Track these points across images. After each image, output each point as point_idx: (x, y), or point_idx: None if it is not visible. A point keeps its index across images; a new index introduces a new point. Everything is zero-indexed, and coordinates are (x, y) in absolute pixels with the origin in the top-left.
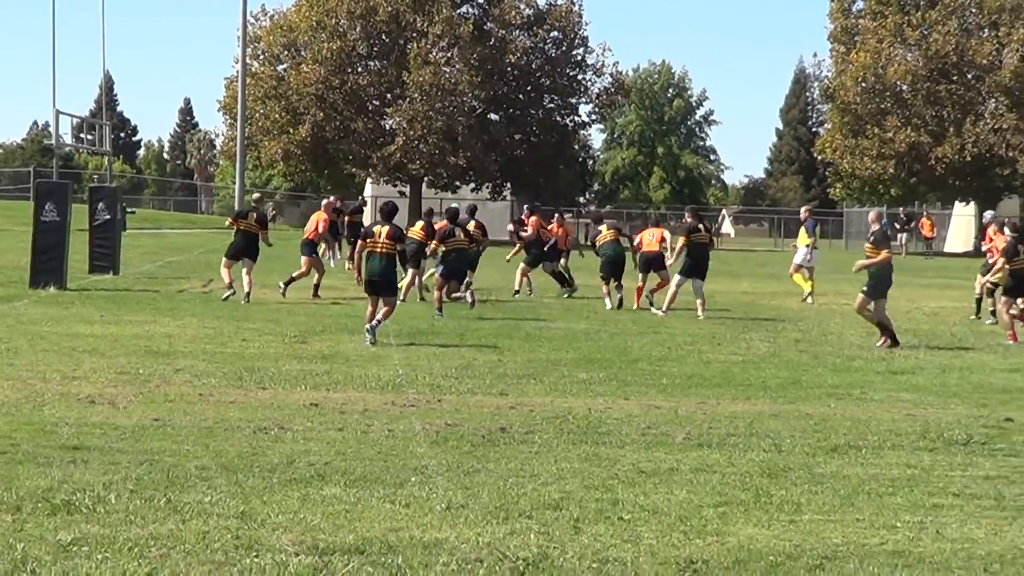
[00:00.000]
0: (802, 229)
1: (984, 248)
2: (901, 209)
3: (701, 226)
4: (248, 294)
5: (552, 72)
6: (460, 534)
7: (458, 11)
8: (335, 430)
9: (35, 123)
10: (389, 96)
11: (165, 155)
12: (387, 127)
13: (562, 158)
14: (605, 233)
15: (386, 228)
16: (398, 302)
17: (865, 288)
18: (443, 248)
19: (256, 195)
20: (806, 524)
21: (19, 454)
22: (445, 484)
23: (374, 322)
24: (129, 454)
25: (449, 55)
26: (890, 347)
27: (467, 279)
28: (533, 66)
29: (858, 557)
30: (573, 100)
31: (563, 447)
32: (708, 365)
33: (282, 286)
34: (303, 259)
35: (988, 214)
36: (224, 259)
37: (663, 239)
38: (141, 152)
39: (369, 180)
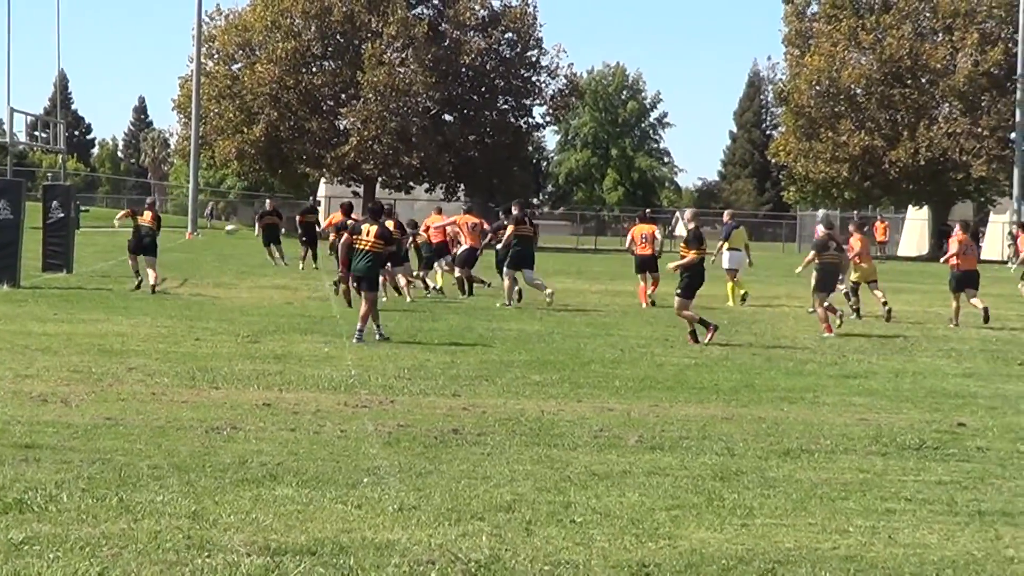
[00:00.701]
0: (735, 232)
1: None
2: (855, 213)
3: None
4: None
5: (506, 73)
6: (412, 536)
7: (413, 12)
8: (288, 430)
9: None
10: (343, 96)
11: (119, 154)
12: (341, 127)
13: (516, 159)
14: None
15: (375, 227)
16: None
17: (679, 290)
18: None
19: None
20: (758, 528)
21: None
22: (397, 485)
23: (361, 324)
24: (81, 453)
25: (403, 56)
26: (694, 342)
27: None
28: (487, 67)
29: (810, 562)
30: (527, 101)
31: (515, 449)
32: (661, 368)
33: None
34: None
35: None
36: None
37: (655, 237)
38: (95, 150)
39: (323, 180)
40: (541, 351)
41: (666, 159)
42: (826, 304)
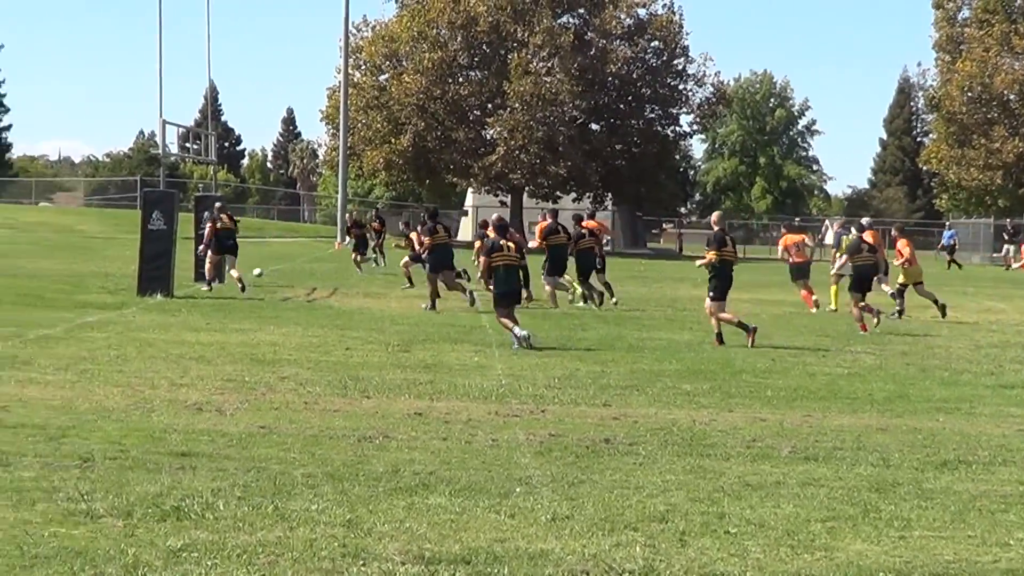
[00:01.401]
0: (844, 238)
1: None
2: (1008, 220)
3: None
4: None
5: (653, 82)
6: (565, 546)
7: (559, 21)
8: (439, 439)
9: (141, 133)
10: (490, 106)
11: (268, 164)
12: (488, 137)
13: (663, 168)
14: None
15: (511, 243)
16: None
17: (710, 293)
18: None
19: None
20: (916, 540)
21: (129, 460)
22: (550, 495)
23: (523, 331)
24: (236, 461)
25: (550, 65)
26: (720, 343)
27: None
28: (634, 76)
29: (970, 575)
30: (674, 110)
31: (668, 459)
32: (813, 377)
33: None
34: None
35: None
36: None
37: (806, 244)
38: (245, 161)
39: (470, 190)
40: (691, 360)
41: (815, 167)
42: (861, 304)
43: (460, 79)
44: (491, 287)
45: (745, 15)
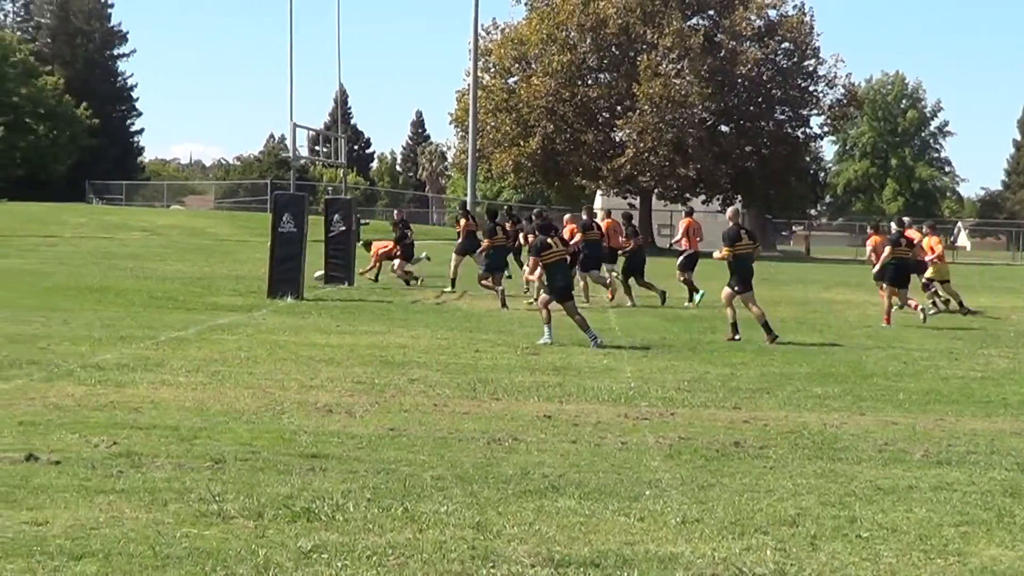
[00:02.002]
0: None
1: None
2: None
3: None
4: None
5: (783, 83)
6: (695, 549)
7: (688, 23)
8: (568, 442)
9: (272, 136)
10: (619, 108)
11: (397, 167)
12: (617, 139)
13: (793, 170)
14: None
15: (558, 239)
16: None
17: (734, 287)
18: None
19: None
20: None
21: (260, 461)
22: (679, 498)
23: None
24: (366, 463)
25: (679, 67)
26: (731, 339)
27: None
28: (764, 77)
29: None
30: (804, 112)
31: (798, 462)
32: (946, 381)
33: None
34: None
35: None
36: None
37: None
38: (374, 164)
39: (599, 192)
40: (822, 363)
41: (947, 169)
42: (896, 298)
43: (589, 81)
44: (545, 285)
45: (876, 16)
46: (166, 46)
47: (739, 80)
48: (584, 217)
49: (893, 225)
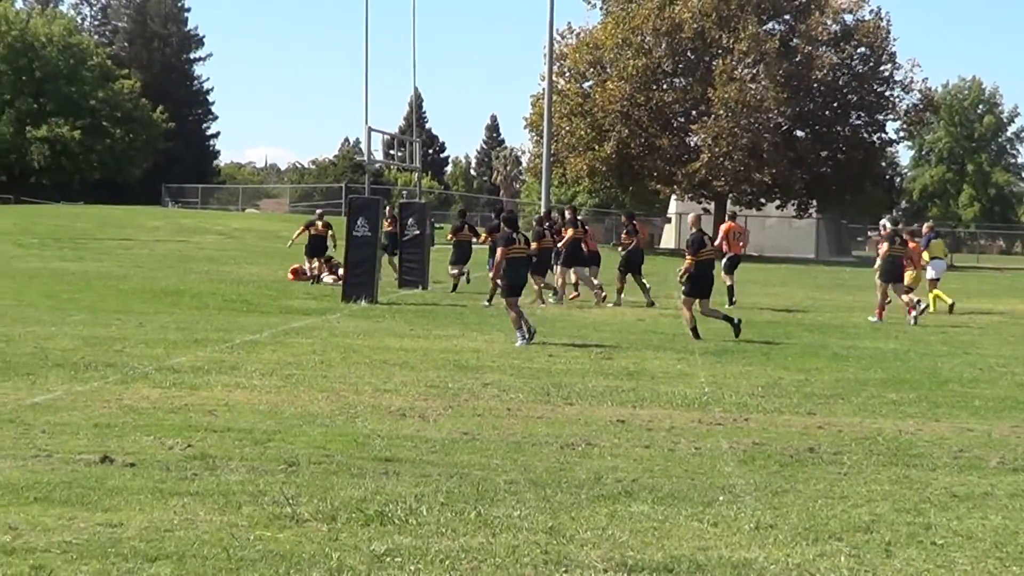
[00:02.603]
0: (933, 243)
1: None
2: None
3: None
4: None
5: (859, 88)
6: (769, 555)
7: (764, 27)
8: (642, 447)
9: (346, 140)
10: (694, 113)
11: (472, 171)
12: (692, 144)
13: (869, 175)
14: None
15: (523, 236)
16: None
17: (686, 290)
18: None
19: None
20: None
21: (333, 465)
22: (753, 504)
23: (530, 331)
24: (439, 467)
25: (755, 71)
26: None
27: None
28: (840, 82)
29: None
30: (880, 117)
31: (873, 469)
32: (1022, 388)
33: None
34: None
35: None
36: None
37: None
38: (449, 168)
39: (674, 196)
40: (896, 369)
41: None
42: (887, 294)
43: (664, 86)
44: (500, 279)
45: (953, 21)
46: (242, 50)
47: (815, 85)
48: (568, 215)
49: (887, 223)
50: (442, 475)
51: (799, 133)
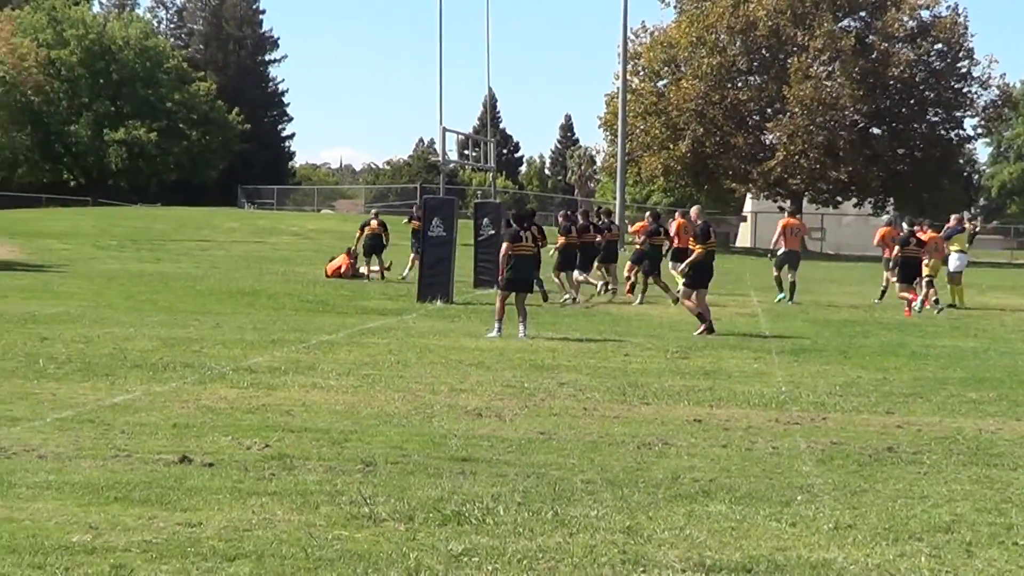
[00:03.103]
0: (956, 236)
1: None
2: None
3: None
4: None
5: (936, 85)
6: (848, 555)
7: (839, 25)
8: (719, 446)
9: (421, 140)
10: (769, 111)
11: (546, 171)
12: (767, 142)
13: (946, 173)
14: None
15: (530, 232)
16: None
17: (687, 281)
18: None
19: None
20: None
21: (410, 465)
22: (832, 503)
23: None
24: (516, 467)
25: (830, 69)
26: (707, 334)
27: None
28: (916, 79)
29: None
30: (958, 113)
31: (953, 468)
32: None
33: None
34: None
35: None
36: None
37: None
38: (523, 168)
39: (749, 195)
40: (976, 368)
41: None
42: (906, 291)
43: (739, 84)
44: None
45: None
46: (317, 52)
47: (891, 82)
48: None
49: (904, 224)
50: (519, 475)
51: (875, 130)
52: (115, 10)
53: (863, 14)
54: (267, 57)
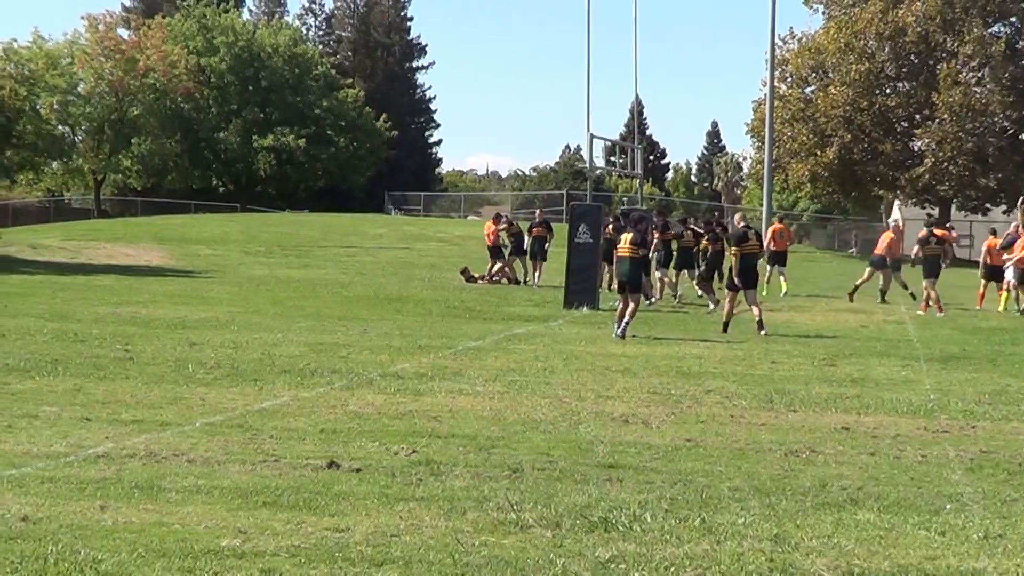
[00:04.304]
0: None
1: None
2: None
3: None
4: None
5: None
6: (999, 565)
7: (989, 30)
8: (867, 454)
9: (567, 147)
10: (918, 117)
11: (693, 178)
12: (915, 148)
13: None
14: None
15: (629, 235)
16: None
17: (729, 283)
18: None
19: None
20: None
21: (557, 471)
22: (981, 512)
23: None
24: (663, 474)
25: (980, 75)
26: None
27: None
28: None
29: None
30: None
31: None
32: None
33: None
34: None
35: None
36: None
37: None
38: (670, 175)
39: (896, 202)
40: None
41: None
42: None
43: (887, 90)
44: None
45: None
46: (464, 58)
47: None
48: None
49: (924, 227)
50: (666, 482)
51: None
52: (264, 17)
53: (1013, 20)
54: (414, 64)
